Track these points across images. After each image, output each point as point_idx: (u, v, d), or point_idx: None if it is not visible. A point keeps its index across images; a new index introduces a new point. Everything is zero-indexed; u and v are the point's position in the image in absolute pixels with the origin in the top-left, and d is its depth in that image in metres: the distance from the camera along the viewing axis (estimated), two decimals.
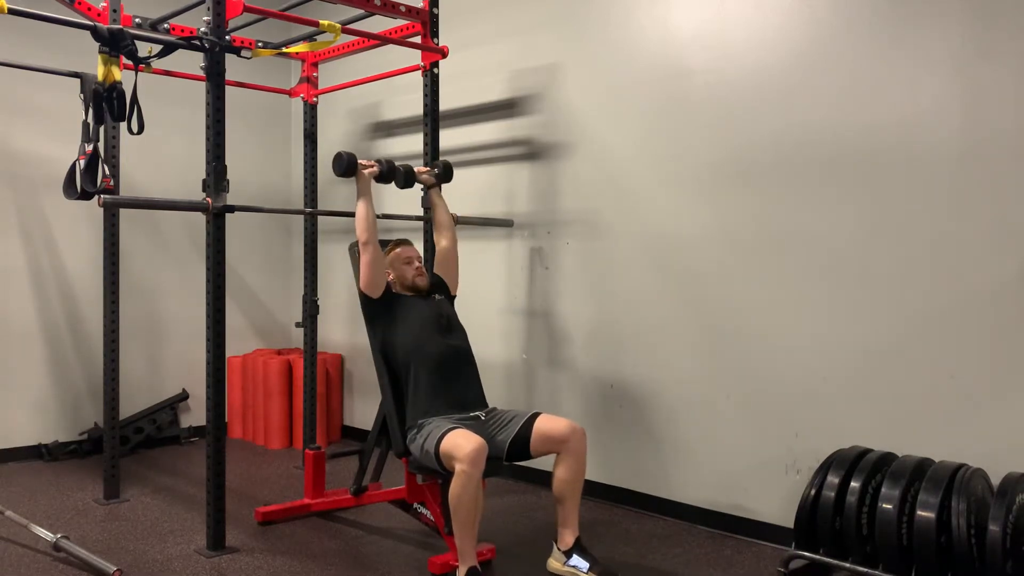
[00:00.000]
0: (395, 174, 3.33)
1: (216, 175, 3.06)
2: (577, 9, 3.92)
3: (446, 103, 4.10)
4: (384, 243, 3.40)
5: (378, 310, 3.14)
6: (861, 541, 2.56)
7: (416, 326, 3.09)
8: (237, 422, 5.22)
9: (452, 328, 3.19)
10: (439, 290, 3.34)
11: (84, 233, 4.69)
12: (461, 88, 4.36)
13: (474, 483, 2.64)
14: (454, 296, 3.40)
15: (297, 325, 4.72)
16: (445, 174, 3.54)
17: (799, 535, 2.69)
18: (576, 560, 2.88)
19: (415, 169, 3.48)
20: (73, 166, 3.15)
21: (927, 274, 2.88)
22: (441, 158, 3.72)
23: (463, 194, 4.32)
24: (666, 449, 3.61)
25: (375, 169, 3.23)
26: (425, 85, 3.80)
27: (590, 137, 3.87)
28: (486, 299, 4.27)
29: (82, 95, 3.36)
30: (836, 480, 2.64)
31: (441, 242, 3.45)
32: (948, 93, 2.84)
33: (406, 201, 4.03)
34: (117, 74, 2.99)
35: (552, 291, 4.04)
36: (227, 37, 3.10)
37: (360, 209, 3.13)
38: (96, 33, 2.89)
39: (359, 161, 3.19)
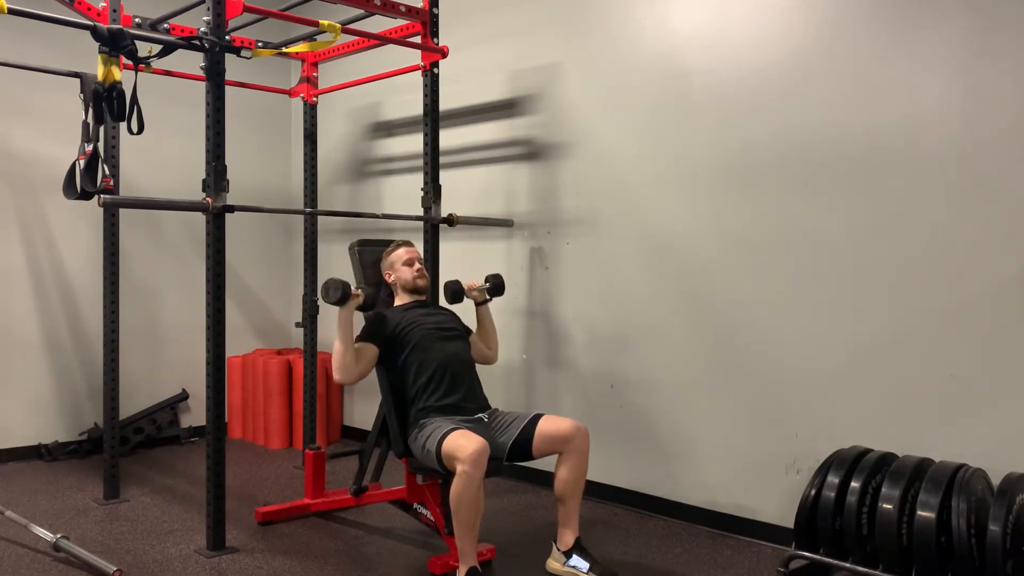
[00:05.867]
0: (376, 304, 3.18)
1: (216, 175, 3.06)
2: (577, 9, 3.92)
3: (446, 103, 4.11)
4: (386, 243, 3.40)
5: (384, 356, 3.10)
6: (861, 541, 2.56)
7: (417, 336, 3.08)
8: (237, 422, 5.22)
9: (453, 334, 3.18)
10: (455, 316, 3.30)
11: (84, 233, 4.69)
12: (461, 88, 4.36)
13: (475, 484, 2.64)
14: (467, 331, 3.33)
15: (297, 325, 4.72)
16: (496, 289, 3.40)
17: (799, 535, 2.69)
18: (576, 560, 2.88)
19: (464, 285, 3.38)
20: (73, 166, 3.15)
21: (927, 274, 2.88)
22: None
23: (463, 194, 4.33)
24: (666, 449, 3.61)
25: (360, 299, 3.06)
26: (425, 85, 3.80)
27: (590, 137, 3.87)
28: None
29: (82, 95, 3.36)
30: (836, 480, 2.64)
31: (485, 349, 3.38)
32: (948, 93, 2.84)
33: (406, 201, 4.03)
34: (117, 74, 2.99)
35: (552, 291, 4.04)
36: (227, 37, 3.10)
37: (339, 345, 2.94)
38: (96, 33, 2.88)
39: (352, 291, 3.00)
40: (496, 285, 3.41)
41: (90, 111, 3.05)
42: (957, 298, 2.82)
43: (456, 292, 3.37)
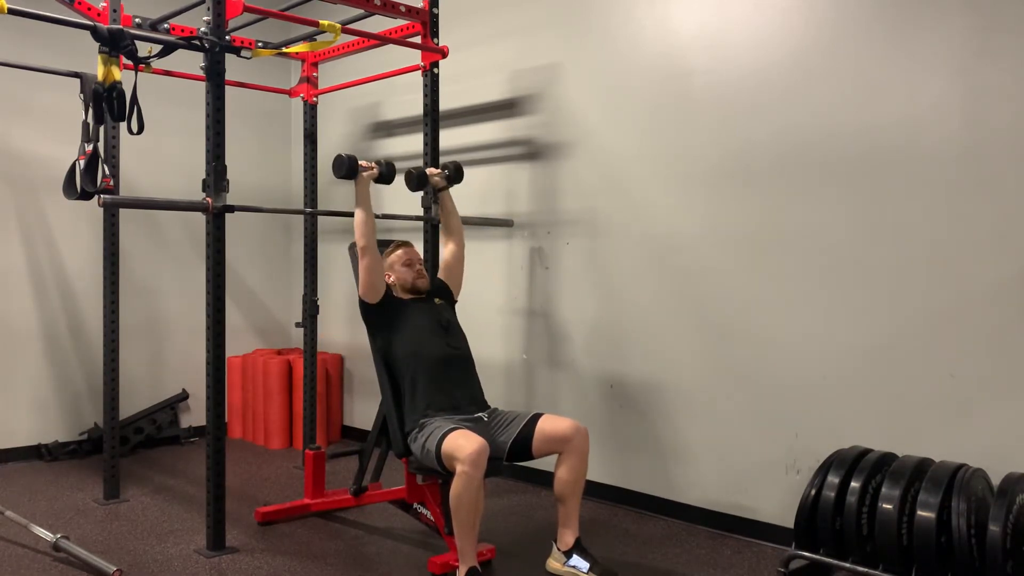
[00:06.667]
0: (394, 175, 3.26)
1: (216, 175, 3.06)
2: (577, 9, 3.92)
3: (446, 103, 4.11)
4: (385, 243, 3.40)
5: (378, 316, 3.13)
6: (861, 541, 2.56)
7: (416, 330, 3.09)
8: (237, 422, 5.22)
9: (452, 331, 3.19)
10: (441, 294, 3.33)
11: (84, 233, 4.69)
12: (461, 88, 4.36)
13: (475, 484, 2.64)
14: (455, 301, 3.39)
15: (297, 325, 4.72)
16: (456, 175, 3.50)
17: (799, 535, 2.69)
18: (576, 560, 2.88)
19: (427, 171, 3.46)
20: (73, 166, 3.15)
21: (927, 274, 2.88)
22: (449, 159, 3.66)
23: (463, 194, 4.31)
24: (666, 449, 3.61)
25: (375, 171, 3.17)
26: (425, 85, 3.80)
27: (590, 137, 3.87)
28: (486, 299, 4.26)
29: (82, 95, 3.36)
30: (836, 480, 2.64)
31: (449, 245, 3.43)
32: (948, 93, 2.84)
33: (406, 201, 4.03)
34: (117, 74, 2.99)
35: (552, 291, 4.04)
36: (227, 37, 3.10)
37: (359, 213, 3.08)
38: (96, 33, 2.88)
39: (359, 163, 3.14)
40: (456, 170, 3.49)
41: (90, 111, 3.05)
42: (957, 298, 2.82)
43: (420, 176, 3.40)
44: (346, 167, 3.09)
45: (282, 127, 5.62)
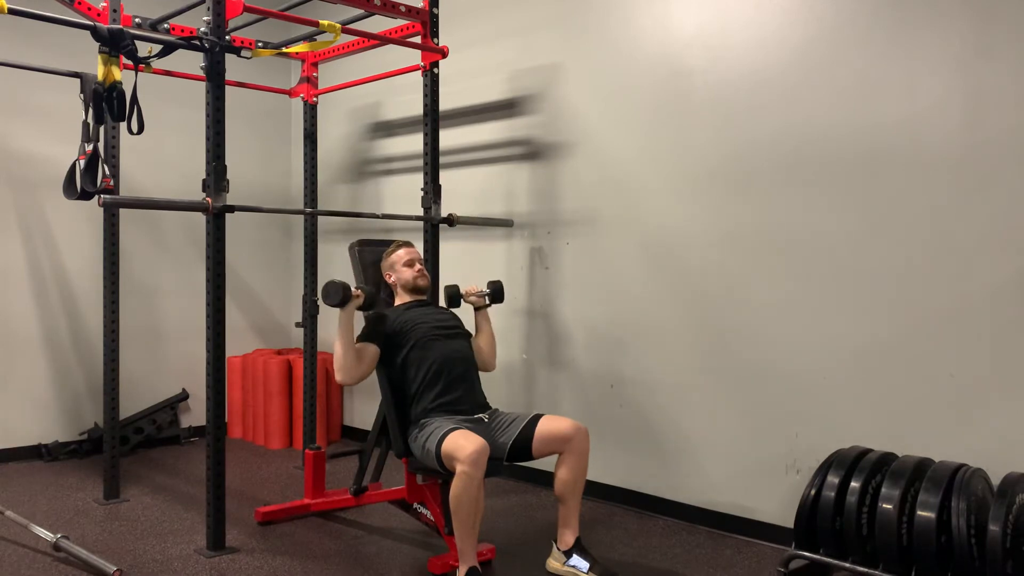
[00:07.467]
0: (375, 304, 3.14)
1: (216, 175, 3.06)
2: (577, 9, 3.92)
3: (446, 103, 4.11)
4: (386, 243, 3.40)
5: (384, 355, 3.10)
6: (861, 541, 2.56)
7: (417, 334, 3.08)
8: (237, 422, 5.22)
9: (453, 333, 3.18)
10: (456, 316, 3.29)
11: (84, 233, 4.69)
12: (461, 88, 4.36)
13: (475, 484, 2.64)
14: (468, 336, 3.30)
15: (297, 325, 4.72)
16: (496, 296, 3.37)
17: (799, 535, 2.69)
18: (576, 560, 2.88)
19: (463, 291, 3.37)
20: (73, 166, 3.16)
21: (927, 274, 2.88)
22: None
23: (463, 194, 4.34)
24: (666, 449, 3.61)
25: (360, 299, 3.06)
26: (425, 85, 3.80)
27: (590, 137, 3.87)
28: None
29: (82, 95, 3.37)
30: (836, 480, 2.64)
31: (482, 355, 3.30)
32: (948, 93, 2.84)
33: (406, 201, 4.03)
34: (117, 74, 3.00)
35: (552, 291, 4.04)
36: (227, 37, 3.10)
37: (340, 347, 2.95)
38: (96, 33, 2.89)
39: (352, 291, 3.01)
40: (496, 291, 3.39)
41: (90, 111, 3.05)
42: (957, 298, 2.82)
43: (453, 296, 3.36)
44: (340, 297, 2.96)
45: (282, 127, 5.62)
